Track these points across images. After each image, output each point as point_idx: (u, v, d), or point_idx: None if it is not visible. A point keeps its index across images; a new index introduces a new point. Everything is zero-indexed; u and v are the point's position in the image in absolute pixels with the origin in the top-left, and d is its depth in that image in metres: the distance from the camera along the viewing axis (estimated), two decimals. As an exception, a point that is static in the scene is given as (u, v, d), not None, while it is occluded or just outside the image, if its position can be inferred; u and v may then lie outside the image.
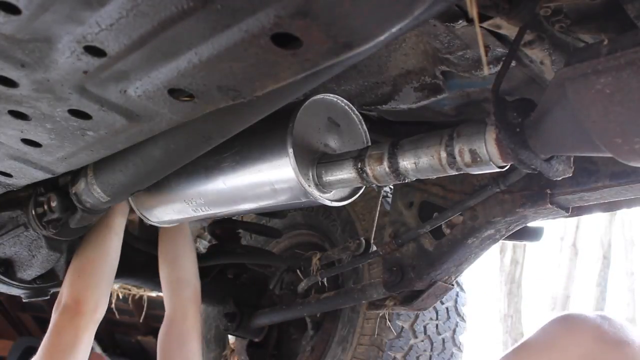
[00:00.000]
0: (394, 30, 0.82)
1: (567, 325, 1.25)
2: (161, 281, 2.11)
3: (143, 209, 1.79)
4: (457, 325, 2.27)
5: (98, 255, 1.86)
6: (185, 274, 2.08)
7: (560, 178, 1.22)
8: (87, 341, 1.80)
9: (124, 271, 2.11)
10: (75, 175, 1.58)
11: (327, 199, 1.45)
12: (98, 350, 2.30)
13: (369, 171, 1.34)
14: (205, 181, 1.55)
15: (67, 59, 0.94)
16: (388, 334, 2.10)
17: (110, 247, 1.88)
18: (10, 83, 1.02)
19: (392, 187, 2.01)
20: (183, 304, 2.05)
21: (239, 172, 1.47)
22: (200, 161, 1.40)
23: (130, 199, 1.78)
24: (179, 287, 2.07)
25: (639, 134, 0.90)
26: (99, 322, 1.85)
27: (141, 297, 3.94)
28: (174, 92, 1.01)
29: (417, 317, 2.16)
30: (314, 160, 1.43)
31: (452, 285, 1.76)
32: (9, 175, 1.44)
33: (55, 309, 1.84)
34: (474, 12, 0.94)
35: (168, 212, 1.74)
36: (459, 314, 2.28)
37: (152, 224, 1.84)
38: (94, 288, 1.83)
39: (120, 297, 3.92)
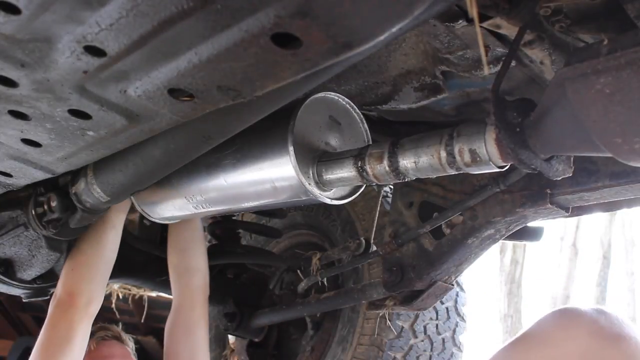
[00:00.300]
0: (394, 30, 0.82)
1: (563, 319, 1.25)
2: (170, 270, 2.10)
3: (144, 204, 1.79)
4: (457, 325, 2.27)
5: (94, 249, 1.85)
6: (195, 262, 2.07)
7: (560, 178, 1.22)
8: (82, 334, 1.79)
9: (123, 271, 2.12)
10: (75, 175, 1.58)
11: (327, 197, 1.45)
12: (130, 344, 2.27)
13: (369, 170, 1.34)
14: (206, 178, 1.55)
15: (67, 59, 0.94)
16: (388, 334, 2.10)
17: (107, 241, 1.86)
18: (10, 83, 1.02)
19: (392, 186, 2.01)
20: (192, 292, 2.05)
21: (240, 169, 1.47)
22: (201, 158, 1.41)
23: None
24: (188, 275, 2.06)
25: (639, 134, 0.90)
26: (94, 316, 1.84)
27: (141, 297, 3.93)
28: (174, 92, 1.01)
29: (417, 317, 2.16)
30: (315, 158, 1.43)
31: (452, 285, 1.76)
32: (9, 175, 1.44)
33: (51, 303, 1.83)
34: (474, 12, 0.94)
35: (169, 208, 1.74)
36: (459, 314, 2.28)
37: (153, 220, 1.84)
38: (88, 281, 1.82)
39: (120, 297, 3.91)
